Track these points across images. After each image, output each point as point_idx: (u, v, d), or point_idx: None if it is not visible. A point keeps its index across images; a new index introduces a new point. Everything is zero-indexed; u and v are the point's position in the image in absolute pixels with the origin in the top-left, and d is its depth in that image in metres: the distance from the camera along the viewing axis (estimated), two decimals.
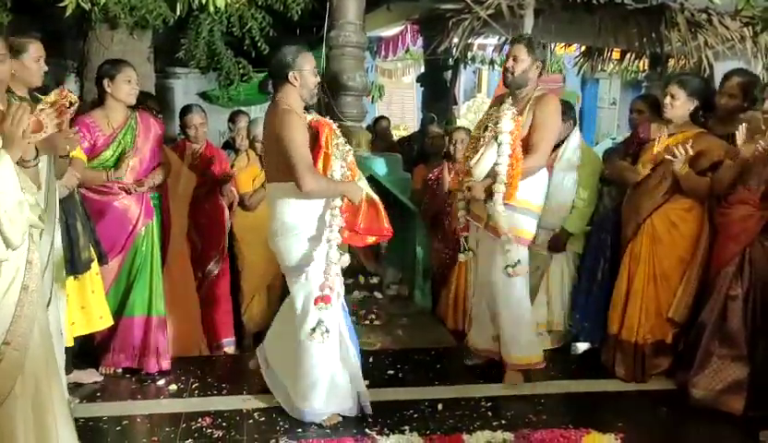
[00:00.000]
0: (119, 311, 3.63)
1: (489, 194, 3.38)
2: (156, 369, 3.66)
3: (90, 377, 3.58)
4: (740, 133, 3.18)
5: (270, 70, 3.14)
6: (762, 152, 3.07)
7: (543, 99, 3.47)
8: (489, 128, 3.45)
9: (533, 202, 3.54)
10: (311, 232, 3.06)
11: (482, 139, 3.48)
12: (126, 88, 3.48)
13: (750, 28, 5.78)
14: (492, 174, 3.37)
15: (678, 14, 5.77)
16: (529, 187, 3.48)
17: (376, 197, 3.18)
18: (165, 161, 3.79)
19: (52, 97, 2.33)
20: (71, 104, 2.34)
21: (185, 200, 4.05)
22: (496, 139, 3.36)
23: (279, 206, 3.09)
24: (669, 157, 3.46)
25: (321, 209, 3.06)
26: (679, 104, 3.54)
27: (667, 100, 3.56)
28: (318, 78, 3.13)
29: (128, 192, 3.54)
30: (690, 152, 3.41)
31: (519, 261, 3.43)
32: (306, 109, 3.20)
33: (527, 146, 3.42)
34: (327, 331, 3.01)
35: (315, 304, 3.00)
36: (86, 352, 3.58)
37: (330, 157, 3.04)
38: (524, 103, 3.48)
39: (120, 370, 3.69)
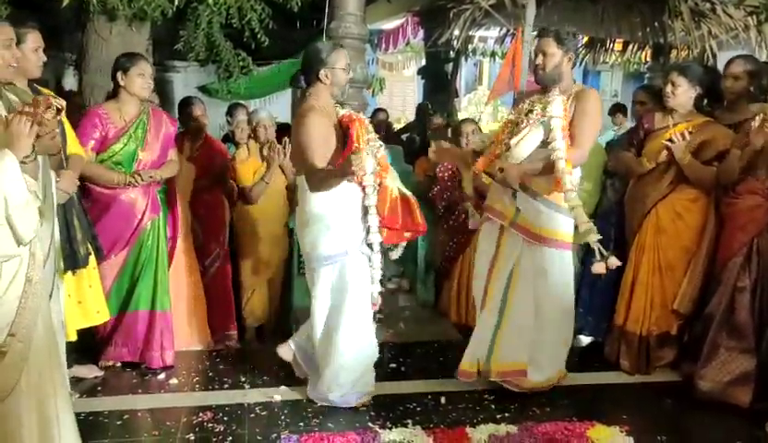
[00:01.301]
0: (123, 306, 3.62)
1: (522, 186, 3.17)
2: (160, 364, 3.65)
3: (90, 371, 3.57)
4: (756, 123, 3.11)
5: (302, 65, 3.19)
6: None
7: (584, 92, 3.24)
8: (536, 112, 3.16)
9: None
10: (339, 222, 3.11)
11: (524, 122, 3.18)
12: (139, 81, 3.47)
13: (755, 17, 5.73)
14: (548, 162, 3.09)
15: (682, 3, 5.71)
16: None
17: (408, 193, 3.26)
18: (175, 159, 3.76)
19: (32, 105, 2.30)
20: (58, 111, 2.33)
21: (185, 194, 4.05)
22: (543, 124, 3.11)
23: (305, 196, 3.13)
24: (667, 143, 3.43)
25: (348, 200, 3.12)
26: (681, 92, 3.50)
27: (669, 88, 3.51)
28: (351, 75, 3.20)
29: (132, 185, 3.50)
30: (688, 138, 3.37)
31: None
32: (341, 104, 3.29)
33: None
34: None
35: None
36: (85, 347, 3.55)
37: (360, 150, 3.04)
38: (565, 99, 3.22)
39: (119, 364, 3.68)
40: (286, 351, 3.44)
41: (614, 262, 3.12)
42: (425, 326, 4.50)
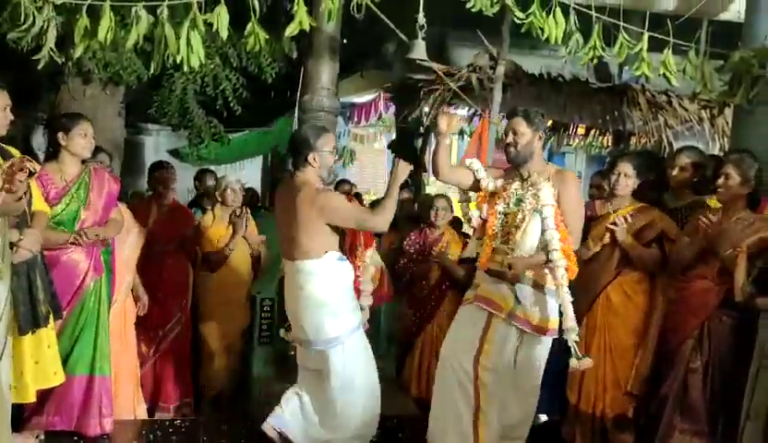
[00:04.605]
0: None
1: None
2: (98, 432, 3.46)
3: (25, 440, 3.36)
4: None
5: (291, 149, 3.31)
6: (704, 227, 3.20)
7: (565, 177, 3.30)
8: (528, 201, 3.20)
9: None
10: (341, 303, 3.25)
11: (519, 212, 3.23)
12: (81, 141, 3.43)
13: (708, 110, 6.06)
14: (543, 250, 3.14)
15: (640, 94, 6.04)
16: None
17: (382, 263, 3.64)
18: (118, 218, 3.67)
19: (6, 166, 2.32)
20: (31, 174, 2.33)
21: (132, 258, 3.95)
22: (539, 212, 3.17)
23: (306, 282, 3.20)
24: (611, 226, 3.55)
25: (348, 281, 3.30)
26: (632, 182, 3.63)
27: (621, 179, 3.62)
28: (337, 158, 3.37)
29: (77, 244, 3.40)
30: (630, 220, 3.52)
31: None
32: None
33: None
34: None
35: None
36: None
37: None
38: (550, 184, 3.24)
39: (42, 437, 3.43)
40: (269, 429, 3.35)
41: (586, 363, 3.23)
42: (385, 400, 4.41)
